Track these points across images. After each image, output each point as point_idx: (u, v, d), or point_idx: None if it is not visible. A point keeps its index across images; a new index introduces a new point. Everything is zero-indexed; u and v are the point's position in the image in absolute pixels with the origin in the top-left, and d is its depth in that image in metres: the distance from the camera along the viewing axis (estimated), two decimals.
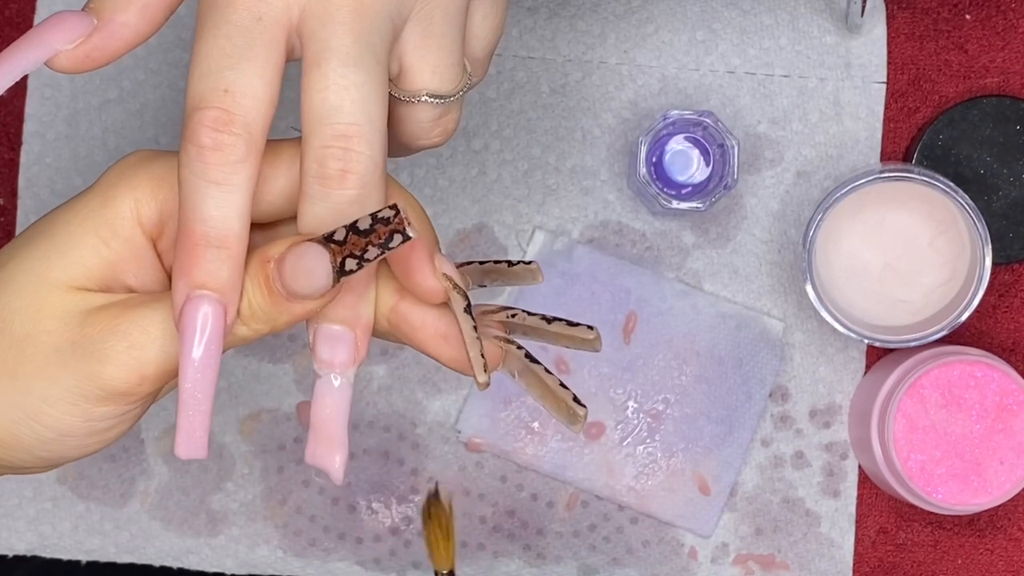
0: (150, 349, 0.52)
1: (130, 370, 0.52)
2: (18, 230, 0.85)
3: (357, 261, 0.51)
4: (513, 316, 0.56)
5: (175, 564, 0.85)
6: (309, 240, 0.51)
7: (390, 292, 0.55)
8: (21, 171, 0.85)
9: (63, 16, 0.54)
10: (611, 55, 0.84)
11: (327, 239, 0.51)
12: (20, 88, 0.85)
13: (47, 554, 0.85)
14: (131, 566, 0.85)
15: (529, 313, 0.56)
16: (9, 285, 0.54)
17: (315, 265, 0.51)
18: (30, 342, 0.53)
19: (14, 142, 0.85)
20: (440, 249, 0.56)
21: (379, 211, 0.51)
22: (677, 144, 0.81)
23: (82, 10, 0.55)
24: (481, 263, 0.58)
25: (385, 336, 0.57)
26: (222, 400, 0.85)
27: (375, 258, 0.51)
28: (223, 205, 0.51)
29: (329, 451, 0.55)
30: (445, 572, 0.63)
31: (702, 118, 0.79)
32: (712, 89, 0.84)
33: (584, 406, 0.55)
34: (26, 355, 0.53)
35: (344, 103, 0.51)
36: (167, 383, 0.54)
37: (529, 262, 0.57)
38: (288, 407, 0.85)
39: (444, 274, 0.54)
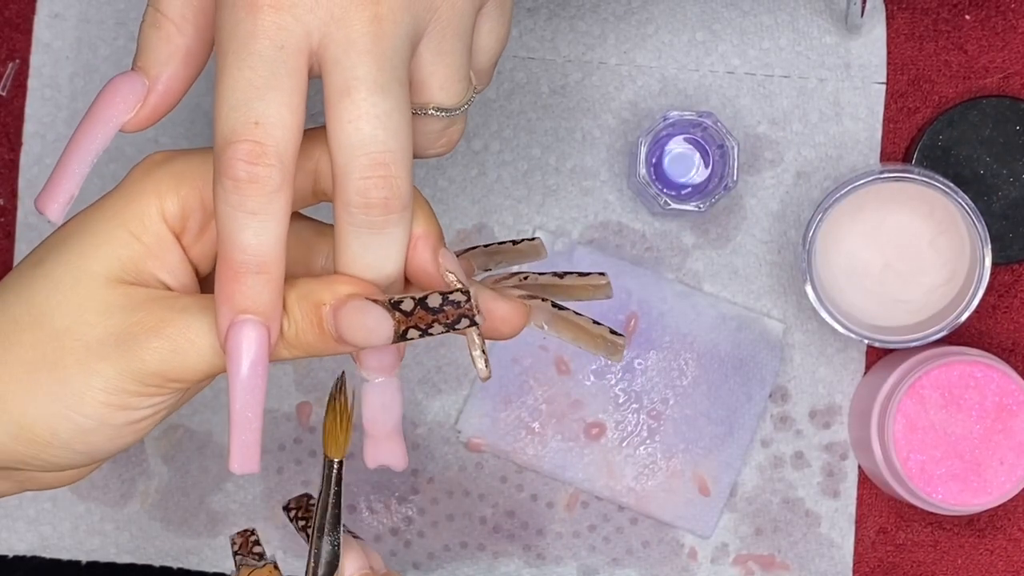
0: (193, 355, 0.54)
1: (171, 369, 0.54)
2: (18, 230, 0.85)
3: (420, 333, 0.52)
4: (525, 278, 0.58)
5: (175, 564, 0.85)
6: (374, 301, 0.53)
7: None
8: (21, 171, 0.86)
9: (117, 85, 0.56)
10: (611, 56, 0.84)
11: (394, 306, 0.52)
12: (20, 88, 0.85)
13: (47, 554, 0.85)
14: (131, 566, 0.85)
15: (540, 273, 0.57)
16: (47, 280, 0.55)
17: (378, 326, 0.53)
18: (70, 335, 0.54)
19: (14, 142, 0.85)
20: (445, 243, 0.57)
21: (450, 293, 0.53)
22: (677, 145, 0.81)
23: (132, 71, 0.57)
24: (486, 246, 0.59)
25: None
26: (222, 401, 0.85)
27: (438, 334, 0.52)
28: (262, 233, 0.52)
29: (391, 447, 0.57)
30: (337, 460, 0.65)
31: (702, 119, 0.79)
32: (712, 90, 0.84)
33: (622, 335, 0.57)
34: (66, 348, 0.54)
35: (378, 132, 0.52)
36: (206, 383, 0.56)
37: (533, 238, 0.58)
38: (288, 407, 0.85)
39: (447, 270, 0.55)
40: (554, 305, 0.57)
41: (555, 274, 0.58)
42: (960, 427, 0.79)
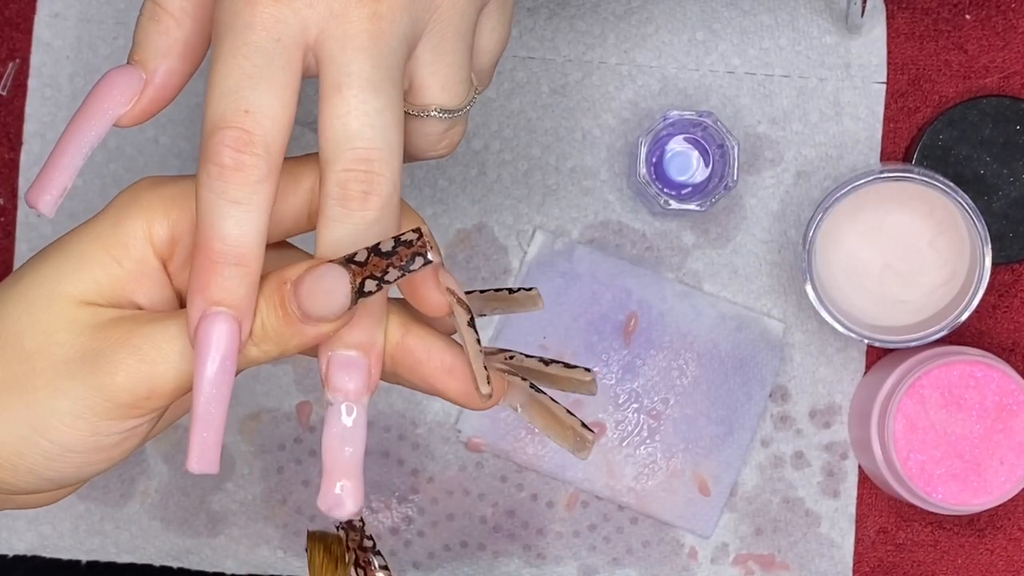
0: (161, 364, 0.53)
1: (139, 383, 0.53)
2: (18, 230, 0.85)
3: (377, 283, 0.51)
4: (511, 358, 0.57)
5: (175, 564, 0.85)
6: (329, 261, 0.52)
7: (395, 327, 0.55)
8: (21, 171, 0.86)
9: (113, 78, 0.55)
10: (611, 55, 0.84)
11: (348, 260, 0.51)
12: (20, 88, 0.85)
13: (47, 554, 0.85)
14: (131, 566, 0.85)
15: (527, 355, 0.57)
16: (21, 301, 0.54)
17: (334, 286, 0.51)
18: (40, 356, 0.53)
19: (14, 142, 0.86)
20: (443, 263, 0.56)
21: (402, 234, 0.51)
22: (677, 144, 0.81)
23: (128, 64, 0.56)
24: (482, 292, 0.58)
25: (387, 378, 0.56)
26: None
27: (395, 280, 0.51)
28: (242, 224, 0.51)
29: (346, 484, 0.53)
30: None
31: (702, 118, 0.80)
32: (712, 89, 0.84)
33: (592, 431, 0.56)
34: (36, 369, 0.53)
35: (365, 129, 0.52)
36: (175, 400, 0.54)
37: (530, 289, 0.58)
38: (288, 407, 0.85)
39: (448, 288, 0.55)
40: (532, 387, 0.57)
41: (542, 360, 0.57)
42: (960, 427, 0.79)
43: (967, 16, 0.84)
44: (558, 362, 0.57)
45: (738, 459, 0.84)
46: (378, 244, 0.51)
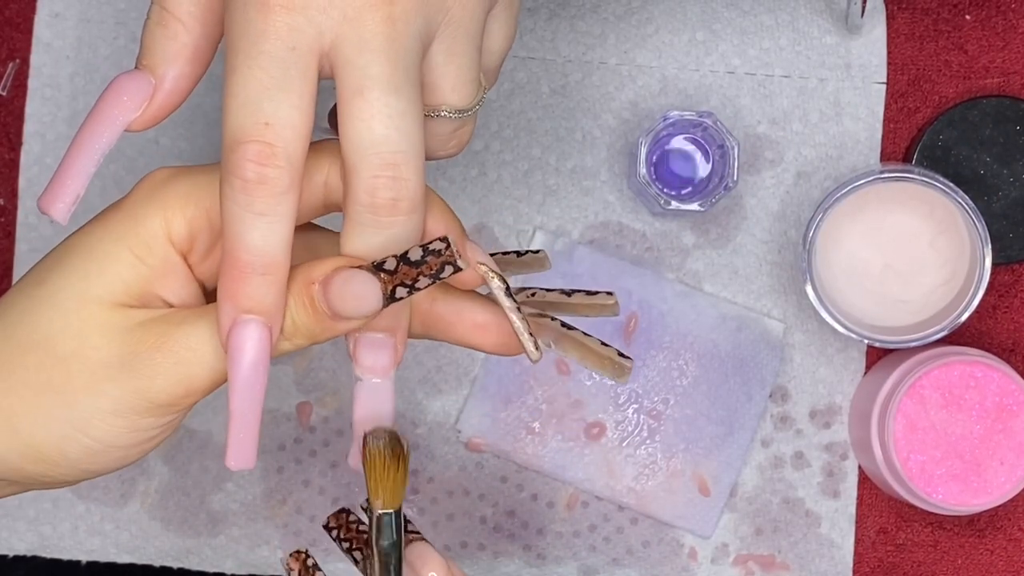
0: (197, 364, 0.54)
1: (177, 384, 0.54)
2: (18, 230, 0.85)
3: (408, 289, 0.52)
4: (533, 295, 0.58)
5: (175, 564, 0.85)
6: (358, 267, 0.52)
7: (422, 297, 0.57)
8: (21, 171, 0.86)
9: (123, 84, 0.56)
10: (611, 56, 0.84)
11: (378, 267, 0.52)
12: (20, 88, 0.85)
13: (47, 554, 0.85)
14: (131, 566, 0.85)
15: (548, 290, 0.57)
16: (50, 303, 0.55)
17: (365, 291, 0.53)
18: (76, 359, 0.54)
19: (14, 142, 0.85)
20: (468, 237, 0.57)
21: (430, 243, 0.52)
22: (677, 145, 0.81)
23: (137, 69, 0.56)
24: (491, 255, 0.59)
25: (420, 337, 0.58)
26: (223, 401, 0.84)
27: (426, 286, 0.52)
28: (268, 235, 0.52)
29: None
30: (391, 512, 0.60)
31: (702, 119, 0.80)
32: (712, 89, 0.84)
33: (629, 358, 0.57)
34: (72, 372, 0.54)
35: (390, 132, 0.52)
36: (211, 393, 0.56)
37: (537, 251, 0.59)
38: (288, 407, 0.85)
39: (479, 262, 0.56)
40: (563, 325, 0.57)
41: (562, 291, 0.58)
42: (960, 427, 0.79)
43: (967, 16, 0.84)
44: (579, 291, 0.58)
45: (738, 459, 0.84)
46: (407, 253, 0.52)
